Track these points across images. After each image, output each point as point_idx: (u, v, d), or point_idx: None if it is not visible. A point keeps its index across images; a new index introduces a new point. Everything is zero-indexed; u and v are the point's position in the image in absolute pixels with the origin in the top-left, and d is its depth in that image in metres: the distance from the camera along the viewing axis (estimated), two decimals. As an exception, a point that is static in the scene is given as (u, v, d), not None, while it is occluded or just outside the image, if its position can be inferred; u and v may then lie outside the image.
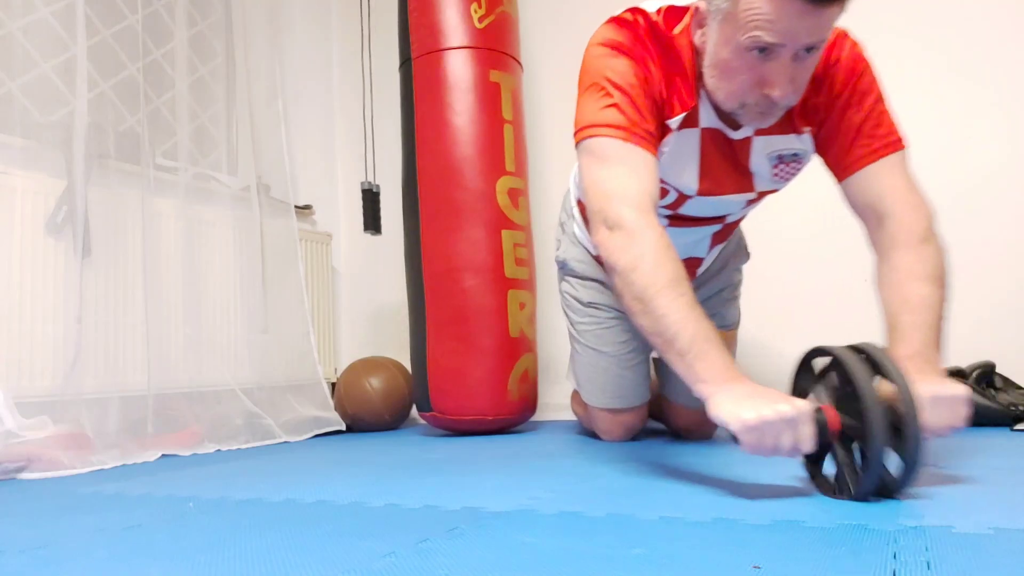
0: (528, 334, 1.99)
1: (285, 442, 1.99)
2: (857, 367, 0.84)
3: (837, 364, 0.88)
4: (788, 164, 1.21)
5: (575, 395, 1.84)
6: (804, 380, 0.97)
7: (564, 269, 1.67)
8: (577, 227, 1.62)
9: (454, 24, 1.98)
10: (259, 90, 2.31)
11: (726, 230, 1.44)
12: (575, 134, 1.12)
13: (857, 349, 0.88)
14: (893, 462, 0.83)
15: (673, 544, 0.70)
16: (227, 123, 2.36)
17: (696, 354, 0.93)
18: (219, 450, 1.81)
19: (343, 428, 2.22)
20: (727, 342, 1.60)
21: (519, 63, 2.12)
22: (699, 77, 1.12)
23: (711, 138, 1.18)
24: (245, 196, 2.18)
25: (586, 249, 1.62)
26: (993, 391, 1.66)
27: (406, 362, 2.37)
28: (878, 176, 1.12)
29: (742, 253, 1.66)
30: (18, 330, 1.60)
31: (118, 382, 1.74)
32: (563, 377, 2.37)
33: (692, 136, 1.17)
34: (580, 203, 1.56)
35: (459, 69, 1.97)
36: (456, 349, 1.91)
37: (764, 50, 0.97)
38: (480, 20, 1.99)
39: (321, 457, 1.62)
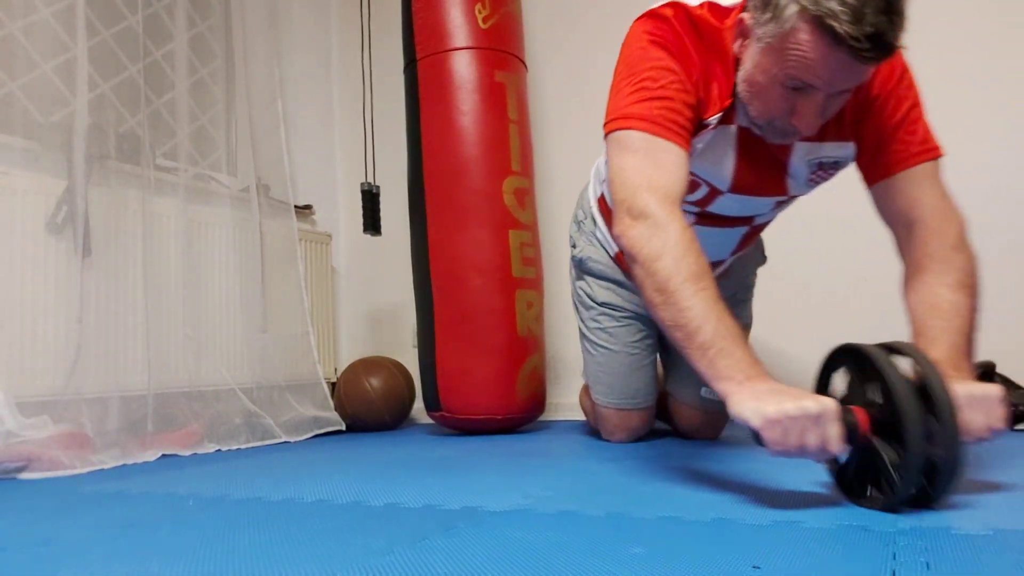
0: (536, 333, 1.99)
1: (285, 442, 1.99)
2: (890, 367, 0.80)
3: (868, 363, 0.83)
4: (826, 171, 1.21)
5: (584, 389, 1.84)
6: (829, 379, 0.93)
7: (582, 267, 1.65)
8: (598, 228, 1.59)
9: (458, 25, 1.98)
10: (259, 91, 2.31)
11: (752, 233, 1.41)
12: (605, 124, 1.09)
13: (889, 348, 0.84)
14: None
15: (673, 544, 0.70)
16: (227, 124, 2.36)
17: (719, 350, 0.89)
18: (219, 450, 1.81)
19: (343, 428, 2.22)
20: None
21: (524, 63, 2.12)
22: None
23: (748, 137, 1.15)
24: (245, 196, 2.18)
25: (605, 250, 1.60)
26: (993, 391, 1.65)
27: (406, 362, 2.38)
28: (911, 182, 1.10)
29: (759, 255, 1.65)
30: (18, 330, 1.60)
31: (118, 382, 1.73)
32: (571, 376, 2.37)
33: (729, 132, 1.16)
34: (602, 202, 1.53)
35: (464, 70, 1.97)
36: (464, 349, 1.91)
37: (798, 88, 0.98)
38: (484, 20, 2.00)
39: (321, 457, 1.62)
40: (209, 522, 0.91)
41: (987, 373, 1.68)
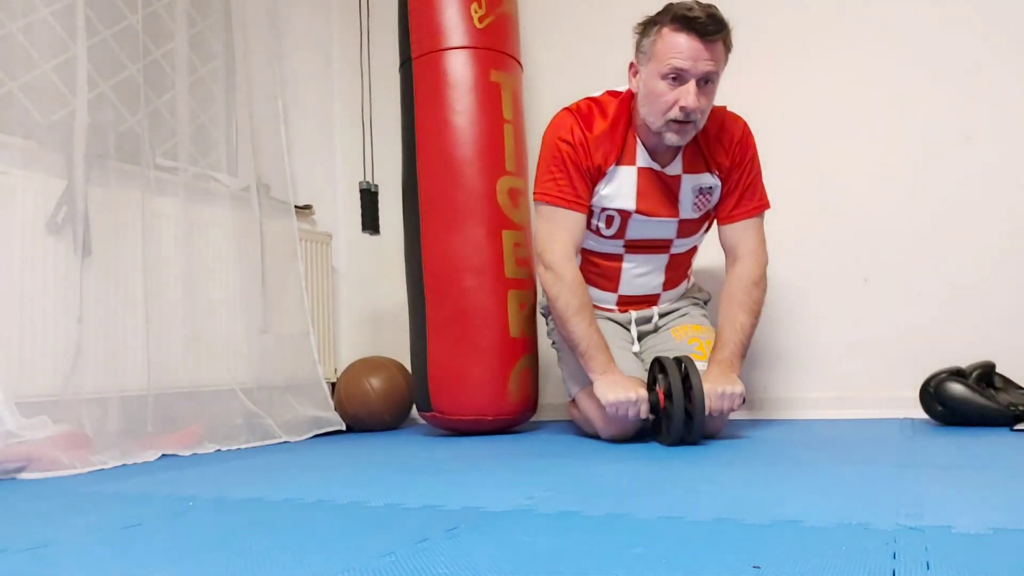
0: (528, 334, 1.99)
1: (285, 442, 1.99)
2: (674, 371, 1.45)
3: (664, 368, 1.48)
4: (704, 195, 1.66)
5: (571, 406, 1.84)
6: (653, 374, 1.55)
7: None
8: None
9: (454, 24, 1.98)
10: (259, 90, 2.31)
11: (675, 262, 1.77)
12: (532, 195, 1.68)
13: (679, 360, 1.47)
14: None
15: (673, 544, 0.70)
16: (227, 123, 2.36)
17: (590, 355, 1.57)
18: (219, 450, 1.81)
19: (343, 428, 2.22)
20: (704, 332, 1.84)
21: (519, 63, 2.12)
22: (636, 129, 1.61)
23: (647, 174, 1.63)
24: (245, 196, 2.18)
25: None
26: (993, 391, 1.65)
27: (406, 362, 2.37)
28: (742, 229, 1.66)
29: (702, 293, 1.93)
30: (18, 330, 1.60)
31: (118, 382, 1.73)
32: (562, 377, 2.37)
33: (630, 172, 1.63)
34: None
35: (459, 69, 1.97)
36: (456, 349, 1.91)
37: (676, 77, 1.46)
38: (480, 20, 2.00)
39: (321, 457, 1.62)
40: (209, 523, 0.91)
41: (987, 373, 1.68)
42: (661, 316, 1.83)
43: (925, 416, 1.73)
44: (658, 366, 1.52)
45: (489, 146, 1.96)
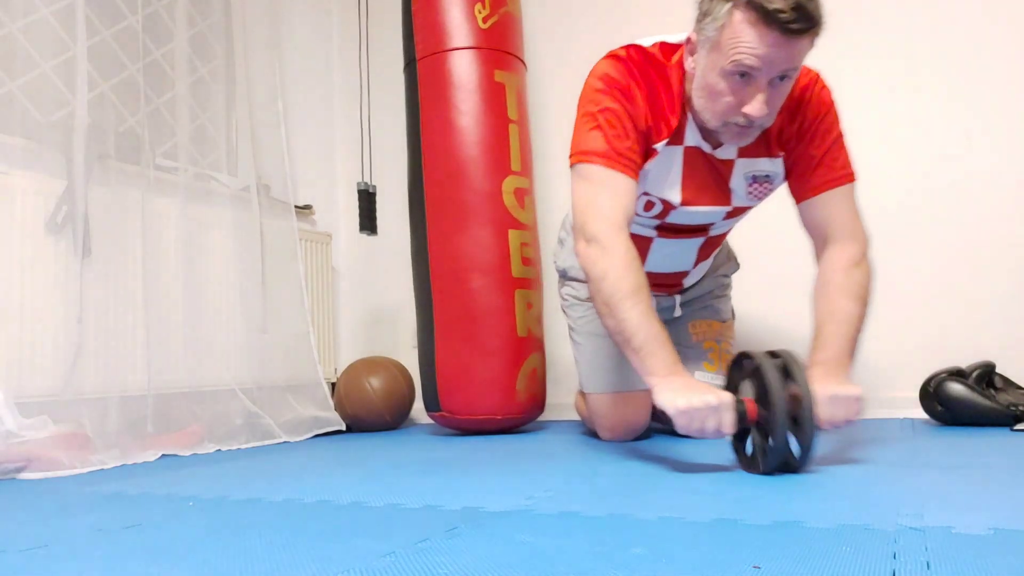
0: (536, 333, 1.99)
1: (285, 442, 1.99)
2: (771, 370, 1.05)
3: (757, 366, 1.08)
4: (761, 184, 1.38)
5: (579, 394, 1.84)
6: (735, 377, 1.18)
7: (565, 276, 1.77)
8: None
9: (458, 24, 1.98)
10: (259, 90, 2.31)
11: (710, 243, 1.56)
12: (569, 157, 1.30)
13: (774, 355, 1.10)
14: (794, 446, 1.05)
15: (673, 544, 0.70)
16: (227, 123, 2.36)
17: (648, 352, 1.16)
18: (219, 450, 1.81)
19: (343, 428, 2.22)
20: (724, 332, 1.73)
21: (523, 63, 2.12)
22: (687, 101, 1.28)
23: (694, 155, 1.34)
24: (245, 196, 2.18)
25: None
26: (993, 391, 1.65)
27: (406, 362, 2.38)
28: (829, 203, 1.31)
29: (730, 263, 1.79)
30: (18, 330, 1.60)
31: (118, 382, 1.73)
32: (571, 377, 2.36)
33: (676, 153, 1.33)
34: None
35: (464, 69, 1.97)
36: (464, 349, 1.91)
37: (744, 75, 1.14)
38: (484, 20, 2.00)
39: (321, 457, 1.62)
40: (209, 523, 0.91)
41: (987, 373, 1.68)
42: (683, 304, 1.70)
43: (925, 416, 1.73)
44: (741, 363, 1.17)
45: (494, 146, 1.96)
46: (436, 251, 1.96)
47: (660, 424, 1.82)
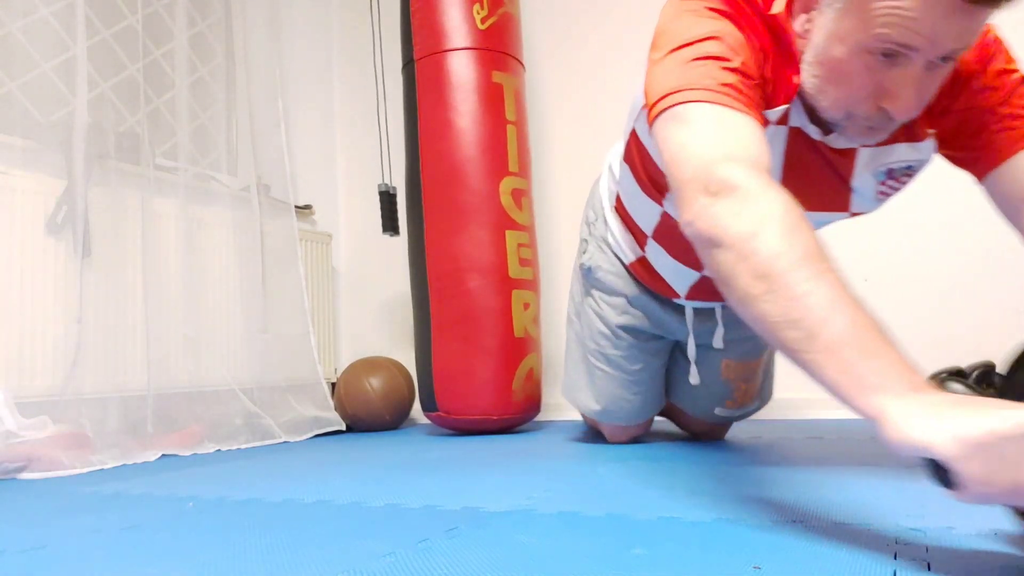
0: (532, 334, 1.99)
1: (285, 442, 1.99)
2: None
3: None
4: (898, 179, 1.01)
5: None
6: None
7: (589, 278, 1.47)
8: (610, 232, 1.40)
9: (456, 25, 1.98)
10: (259, 90, 2.31)
11: None
12: (653, 104, 0.84)
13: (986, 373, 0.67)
14: None
15: (673, 544, 0.70)
16: (227, 123, 2.36)
17: (861, 349, 0.59)
18: (219, 450, 1.81)
19: (343, 428, 2.22)
20: (755, 369, 1.45)
21: (522, 64, 2.12)
22: (797, 66, 0.89)
23: (800, 141, 0.96)
24: (245, 196, 2.18)
25: (618, 258, 1.42)
26: (993, 391, 1.65)
27: (406, 362, 2.38)
28: None
29: None
30: (18, 330, 1.60)
31: (118, 382, 1.74)
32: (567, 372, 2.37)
33: (779, 136, 0.95)
34: (620, 204, 1.33)
35: (462, 70, 1.97)
36: (461, 349, 1.91)
37: (892, 55, 0.77)
38: (483, 21, 2.00)
39: (321, 457, 1.62)
40: (209, 523, 0.91)
41: (987, 373, 1.68)
42: (726, 327, 1.37)
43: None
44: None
45: (492, 147, 1.96)
46: (433, 251, 1.96)
47: (664, 417, 1.70)
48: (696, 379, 1.41)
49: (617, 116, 2.34)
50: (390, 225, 2.25)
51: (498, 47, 2.02)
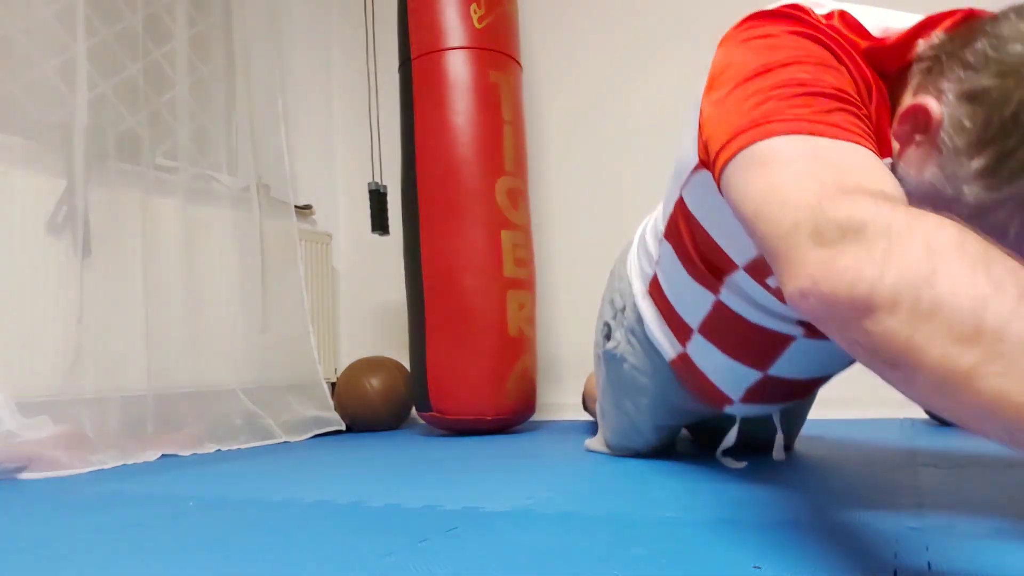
0: (527, 334, 1.99)
1: (285, 442, 1.99)
2: None
3: None
4: None
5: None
6: None
7: (616, 370, 1.26)
8: (644, 323, 1.15)
9: (453, 24, 1.98)
10: (259, 90, 2.31)
11: None
12: (721, 148, 0.66)
13: None
14: None
15: (674, 544, 0.70)
16: (227, 123, 2.36)
17: None
18: (219, 450, 1.81)
19: (343, 428, 2.22)
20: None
21: (518, 63, 2.12)
22: (888, 114, 0.72)
23: None
24: (245, 196, 2.18)
25: (654, 353, 1.16)
26: (993, 391, 1.65)
27: (406, 362, 2.38)
28: None
29: None
30: (18, 330, 1.60)
31: (118, 382, 1.74)
32: (562, 378, 2.37)
33: None
34: (656, 289, 1.10)
35: (458, 69, 1.97)
36: (455, 349, 1.91)
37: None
38: (479, 20, 2.00)
39: (321, 457, 1.62)
40: (209, 523, 0.91)
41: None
42: (787, 432, 1.24)
43: (925, 416, 1.73)
44: None
45: (488, 147, 1.96)
46: (428, 250, 1.96)
47: None
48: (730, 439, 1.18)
49: (615, 116, 2.34)
50: (379, 224, 2.26)
51: (495, 46, 2.02)
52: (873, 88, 0.70)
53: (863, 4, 0.75)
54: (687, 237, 0.95)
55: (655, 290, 1.10)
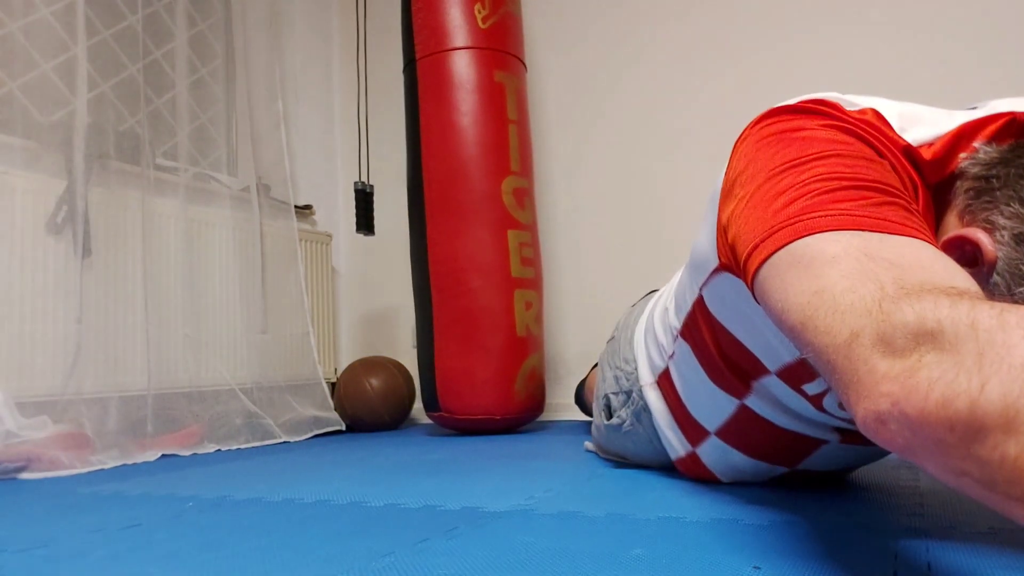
0: (535, 333, 1.99)
1: (285, 442, 1.99)
2: None
3: None
4: None
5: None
6: None
7: (616, 440, 1.22)
8: (651, 414, 1.07)
9: (458, 25, 1.98)
10: (259, 90, 2.31)
11: None
12: (752, 251, 0.59)
13: None
14: None
15: (673, 544, 0.70)
16: (227, 123, 2.36)
17: None
18: (219, 450, 1.81)
19: (343, 428, 2.22)
20: None
21: (523, 63, 2.12)
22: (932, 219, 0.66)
23: None
24: (245, 196, 2.18)
25: (658, 449, 1.11)
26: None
27: (406, 362, 2.38)
28: None
29: None
30: (18, 330, 1.60)
31: (118, 382, 1.74)
32: (570, 376, 2.37)
33: None
34: (669, 385, 1.01)
35: (463, 70, 1.97)
36: (463, 349, 1.91)
37: None
38: (484, 20, 2.00)
39: (321, 457, 1.62)
40: (209, 523, 0.91)
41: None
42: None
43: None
44: None
45: (494, 146, 1.97)
46: (435, 251, 1.96)
47: None
48: None
49: (620, 115, 2.35)
50: (364, 224, 2.26)
51: (499, 46, 2.02)
52: (920, 188, 0.63)
53: (893, 99, 0.69)
54: (709, 339, 0.86)
55: (665, 384, 1.01)
